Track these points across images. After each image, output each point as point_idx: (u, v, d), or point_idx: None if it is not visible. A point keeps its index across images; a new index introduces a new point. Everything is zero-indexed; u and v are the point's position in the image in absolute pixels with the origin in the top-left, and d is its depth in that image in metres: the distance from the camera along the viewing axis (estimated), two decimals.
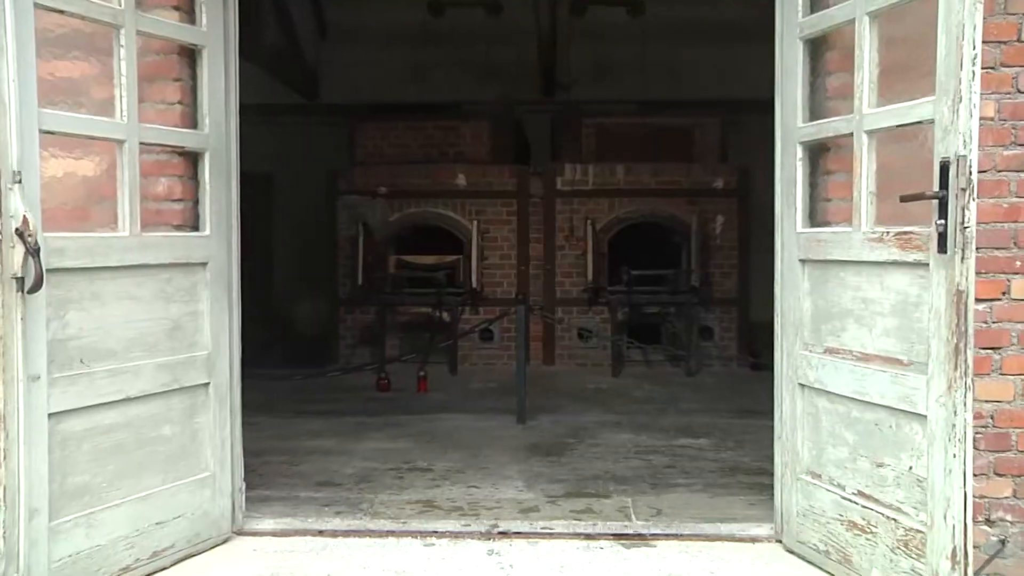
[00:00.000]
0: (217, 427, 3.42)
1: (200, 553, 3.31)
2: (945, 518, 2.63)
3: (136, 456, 3.11)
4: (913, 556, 2.77)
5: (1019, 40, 3.01)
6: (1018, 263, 3.05)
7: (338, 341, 8.68)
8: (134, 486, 3.10)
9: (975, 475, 2.93)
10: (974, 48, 2.52)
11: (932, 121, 2.66)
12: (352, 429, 5.65)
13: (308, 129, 11.13)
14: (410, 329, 8.65)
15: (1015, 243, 3.06)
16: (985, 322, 3.03)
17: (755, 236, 8.43)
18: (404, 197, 8.65)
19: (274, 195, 11.20)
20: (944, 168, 2.59)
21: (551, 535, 3.53)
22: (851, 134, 3.00)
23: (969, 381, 2.59)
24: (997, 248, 3.04)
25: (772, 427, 3.46)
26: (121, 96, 3.02)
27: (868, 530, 2.97)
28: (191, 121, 3.36)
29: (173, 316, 3.25)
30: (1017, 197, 3.05)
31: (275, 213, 11.18)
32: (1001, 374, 3.06)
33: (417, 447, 5.13)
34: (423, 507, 3.90)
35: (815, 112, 3.30)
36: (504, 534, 3.53)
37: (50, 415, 2.79)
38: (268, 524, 3.61)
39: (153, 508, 3.16)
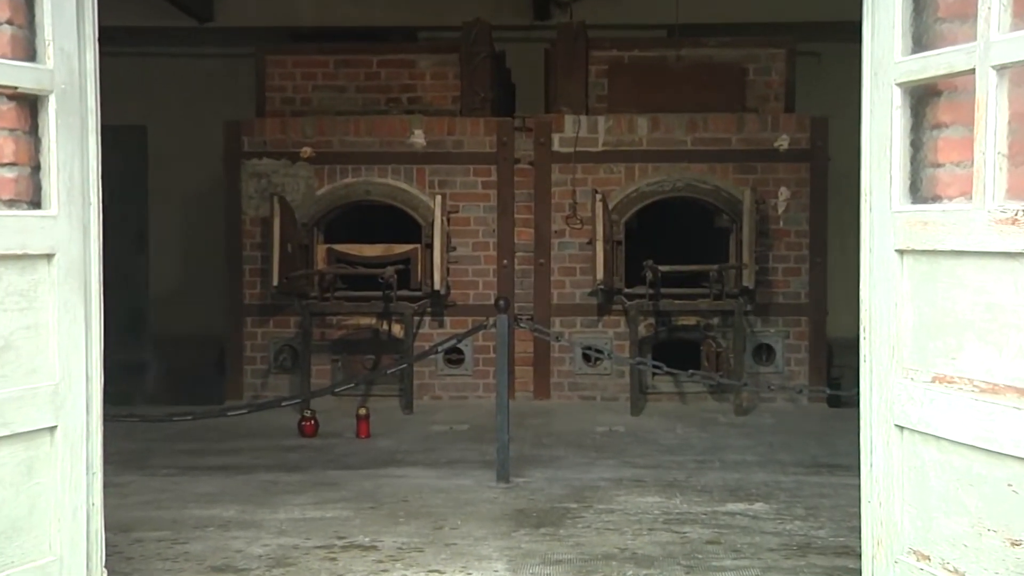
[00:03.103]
0: (67, 491, 3.37)
1: None
2: None
3: None
4: None
5: None
6: None
7: (243, 366, 8.62)
8: None
9: None
10: None
11: None
12: (263, 491, 5.66)
13: (199, 64, 11.06)
14: (347, 348, 8.61)
15: None
16: None
17: (835, 217, 8.46)
18: (337, 162, 8.62)
19: (151, 158, 11.14)
20: None
21: None
22: (972, 70, 2.99)
23: None
24: None
25: (858, 487, 3.44)
26: None
27: None
28: (26, 50, 3.30)
29: (1, 332, 3.20)
30: None
31: (152, 184, 11.11)
32: None
33: (356, 516, 5.13)
34: None
35: (920, 40, 3.28)
36: None
37: None
38: None
39: None
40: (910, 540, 3.30)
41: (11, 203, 3.30)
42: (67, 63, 3.37)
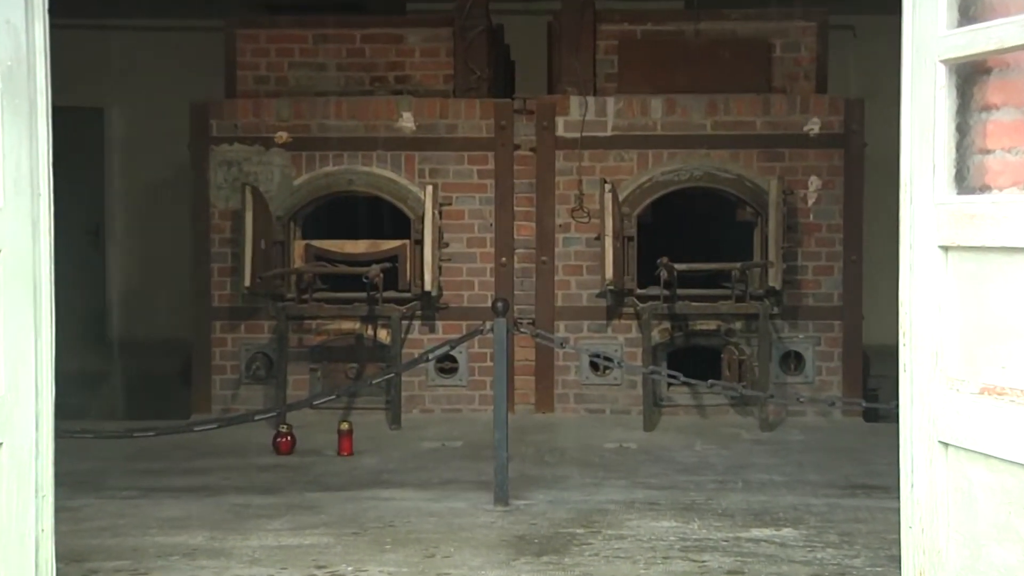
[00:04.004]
0: (12, 516, 3.35)
1: None
2: None
3: None
4: None
5: None
6: None
7: (211, 376, 8.62)
8: None
9: None
10: None
11: None
12: (234, 516, 5.67)
13: (162, 39, 11.04)
14: (327, 356, 8.60)
15: None
16: None
17: (872, 210, 8.45)
18: (317, 148, 8.63)
19: (109, 144, 11.12)
20: None
21: None
22: None
23: None
24: None
25: (897, 511, 3.44)
26: None
27: None
28: None
29: None
30: None
31: (110, 173, 11.09)
32: None
33: (338, 543, 5.14)
34: None
35: (967, 11, 3.27)
36: None
37: None
38: None
39: None
40: (956, 570, 3.29)
41: None
42: (14, 37, 3.35)
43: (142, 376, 10.23)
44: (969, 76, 3.33)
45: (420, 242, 8.39)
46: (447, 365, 8.62)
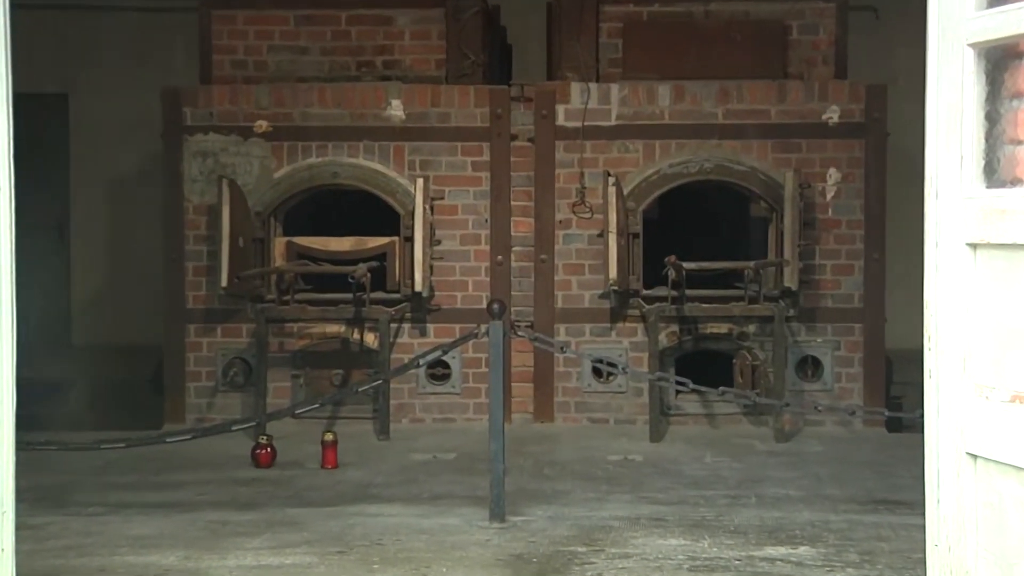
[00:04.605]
0: None
1: None
2: None
3: None
4: None
5: None
6: None
7: (185, 383, 8.62)
8: None
9: None
10: None
11: None
12: (209, 534, 5.63)
13: (133, 20, 11.02)
14: (310, 362, 8.60)
15: None
16: None
17: (895, 205, 8.45)
18: (299, 138, 8.63)
19: (74, 133, 11.09)
20: None
21: None
22: None
23: None
24: None
25: (922, 528, 3.44)
26: None
27: None
28: None
29: None
30: None
31: (76, 164, 11.07)
32: None
33: (321, 562, 5.11)
34: None
35: None
36: None
37: None
38: None
39: None
40: None
41: None
42: None
43: (110, 384, 10.19)
44: (999, 61, 3.33)
45: (410, 239, 8.38)
46: (439, 371, 8.61)
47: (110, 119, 10.60)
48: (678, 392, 8.27)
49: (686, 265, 8.06)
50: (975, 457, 3.30)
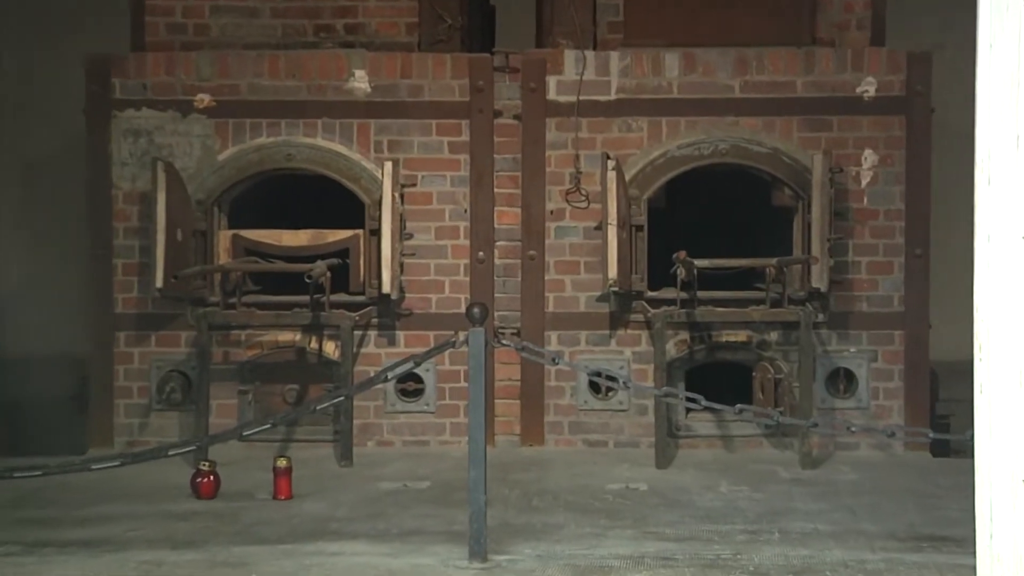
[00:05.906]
0: None
1: None
2: None
3: None
4: None
5: None
6: None
7: (113, 400, 8.62)
8: None
9: None
10: None
11: None
12: None
13: None
14: (261, 375, 8.62)
15: None
16: None
17: (942, 191, 8.50)
18: (247, 114, 8.67)
19: None
20: None
21: None
22: None
23: None
24: None
25: (973, 568, 3.48)
26: None
27: None
28: None
29: None
30: None
31: None
32: None
33: None
34: None
35: None
36: None
37: None
38: None
39: None
40: None
41: None
42: None
43: (25, 402, 10.21)
44: None
45: (377, 233, 8.42)
46: (410, 386, 8.66)
47: (24, 92, 10.60)
48: (688, 410, 8.34)
49: (697, 262, 8.11)
50: None
